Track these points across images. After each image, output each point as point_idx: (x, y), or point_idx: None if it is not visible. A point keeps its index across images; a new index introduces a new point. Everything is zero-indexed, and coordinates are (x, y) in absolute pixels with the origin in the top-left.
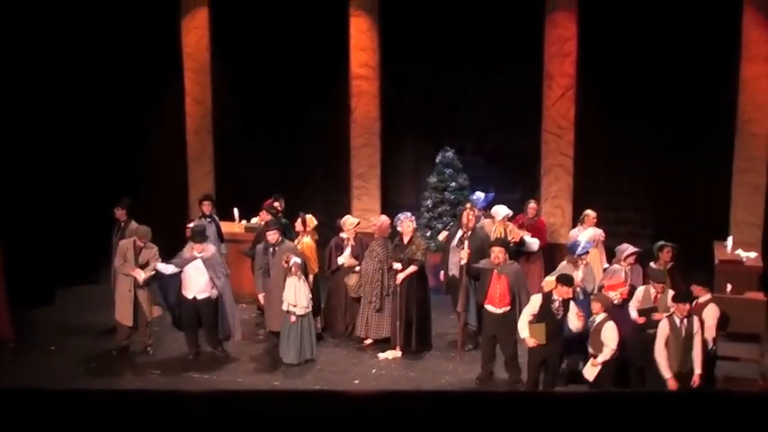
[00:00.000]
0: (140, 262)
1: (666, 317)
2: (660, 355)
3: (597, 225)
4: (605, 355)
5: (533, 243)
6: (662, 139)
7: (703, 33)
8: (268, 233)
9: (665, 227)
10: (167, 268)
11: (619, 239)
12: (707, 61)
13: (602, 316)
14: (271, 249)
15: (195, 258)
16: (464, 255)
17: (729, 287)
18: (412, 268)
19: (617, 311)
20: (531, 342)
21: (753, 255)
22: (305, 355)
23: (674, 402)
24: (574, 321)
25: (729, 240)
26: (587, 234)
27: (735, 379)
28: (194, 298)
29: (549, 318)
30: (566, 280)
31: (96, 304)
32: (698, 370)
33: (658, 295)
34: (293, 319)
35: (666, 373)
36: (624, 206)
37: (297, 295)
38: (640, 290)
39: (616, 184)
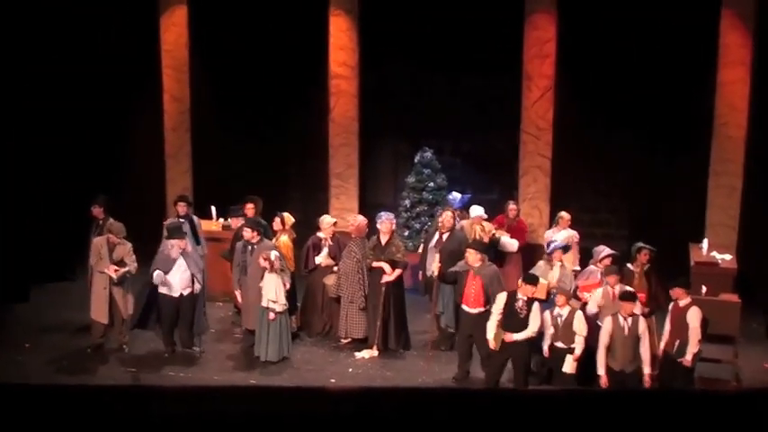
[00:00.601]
0: (114, 259)
1: (612, 315)
2: (599, 352)
3: (572, 226)
4: (580, 344)
5: (511, 244)
6: (639, 141)
7: (681, 37)
8: (244, 231)
9: (640, 228)
10: (160, 276)
11: (595, 241)
12: (684, 64)
13: (567, 308)
14: (249, 247)
15: (177, 257)
16: (435, 268)
17: (704, 289)
18: (398, 271)
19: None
20: (492, 344)
21: (728, 257)
22: (283, 352)
23: (637, 401)
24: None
25: (705, 242)
26: (561, 235)
27: (709, 380)
28: (180, 295)
29: (512, 317)
30: (530, 279)
31: (72, 302)
32: (647, 369)
33: (614, 291)
34: (272, 316)
35: (600, 369)
36: (601, 207)
37: (277, 292)
38: (600, 290)
39: (593, 185)
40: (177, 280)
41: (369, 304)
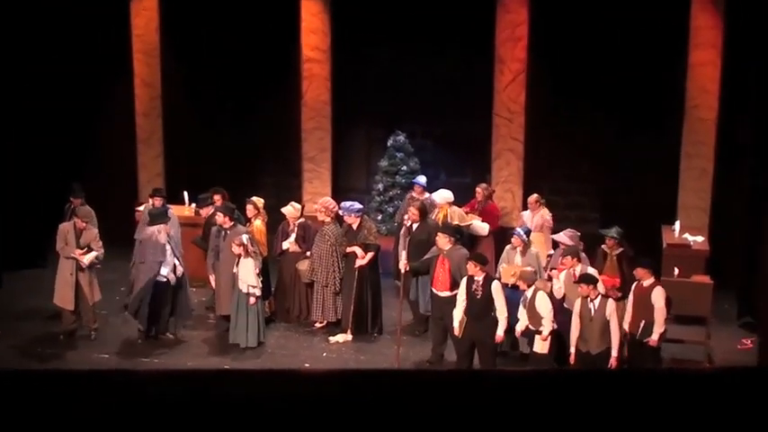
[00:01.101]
0: (82, 244)
1: (582, 298)
2: (571, 333)
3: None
4: (547, 325)
5: (482, 227)
6: (611, 124)
7: (652, 19)
8: (216, 216)
9: (613, 211)
10: (168, 266)
11: (568, 224)
12: (656, 47)
13: (530, 290)
14: (223, 232)
15: (166, 242)
16: (401, 265)
17: (677, 271)
18: (371, 254)
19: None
20: (456, 331)
21: (700, 239)
22: (260, 337)
23: (608, 380)
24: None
25: (677, 224)
26: (530, 217)
27: (682, 361)
28: (167, 280)
29: (472, 300)
30: (478, 259)
31: (44, 288)
32: (614, 352)
33: (573, 272)
34: (252, 300)
35: (571, 348)
36: (573, 190)
37: (256, 276)
38: (563, 273)
39: (565, 168)
40: (167, 265)
41: (343, 288)
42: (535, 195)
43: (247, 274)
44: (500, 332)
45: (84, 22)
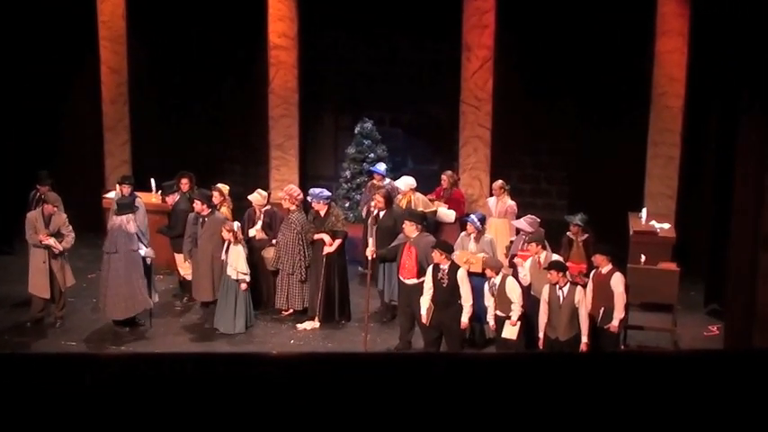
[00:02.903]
0: (51, 230)
1: (550, 285)
2: (540, 319)
3: (513, 197)
4: (517, 311)
5: (447, 215)
6: (578, 111)
7: (619, 6)
8: (194, 203)
9: (580, 198)
10: (149, 252)
11: (534, 210)
12: (623, 34)
13: (499, 276)
14: (201, 219)
15: (136, 230)
16: (369, 253)
17: (643, 258)
18: (338, 241)
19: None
20: (424, 319)
21: (666, 226)
22: (249, 322)
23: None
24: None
25: (644, 212)
26: (498, 204)
27: (648, 348)
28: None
29: (438, 288)
30: (443, 247)
31: (10, 276)
32: (584, 338)
33: (538, 258)
34: (244, 286)
35: (540, 334)
36: (540, 178)
37: (245, 262)
38: (529, 260)
39: (533, 155)
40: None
41: (311, 276)
42: (500, 182)
43: (238, 261)
44: (464, 319)
45: (49, 9)
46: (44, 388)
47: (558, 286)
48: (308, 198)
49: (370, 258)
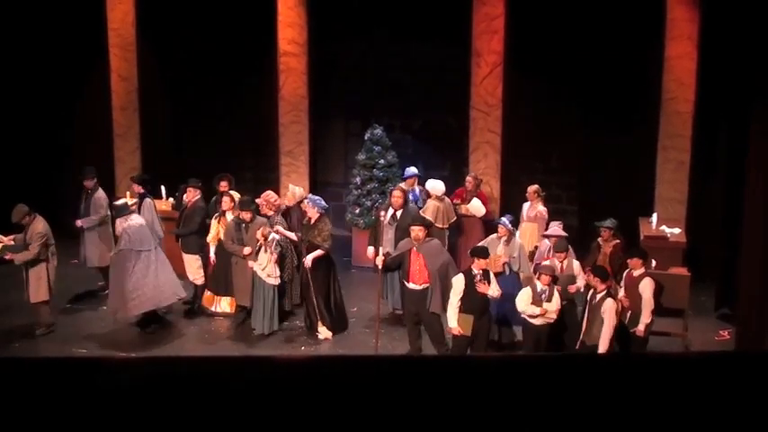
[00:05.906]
0: (28, 240)
1: (591, 291)
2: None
3: (523, 201)
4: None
5: (479, 208)
6: (589, 117)
7: (629, 12)
8: (242, 212)
9: (591, 203)
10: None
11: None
12: (632, 39)
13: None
14: (243, 225)
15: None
16: (379, 261)
17: (654, 263)
18: (315, 254)
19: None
20: (457, 331)
21: (677, 231)
22: (274, 326)
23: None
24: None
25: (654, 217)
26: (531, 209)
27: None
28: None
29: (474, 295)
30: (478, 252)
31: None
32: (601, 348)
33: (563, 265)
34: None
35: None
36: (551, 183)
37: (275, 265)
38: (547, 262)
39: (543, 161)
40: None
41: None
42: (535, 186)
43: (267, 265)
44: (493, 293)
45: (60, 17)
46: (56, 392)
47: (593, 291)
48: (306, 201)
49: (380, 266)
